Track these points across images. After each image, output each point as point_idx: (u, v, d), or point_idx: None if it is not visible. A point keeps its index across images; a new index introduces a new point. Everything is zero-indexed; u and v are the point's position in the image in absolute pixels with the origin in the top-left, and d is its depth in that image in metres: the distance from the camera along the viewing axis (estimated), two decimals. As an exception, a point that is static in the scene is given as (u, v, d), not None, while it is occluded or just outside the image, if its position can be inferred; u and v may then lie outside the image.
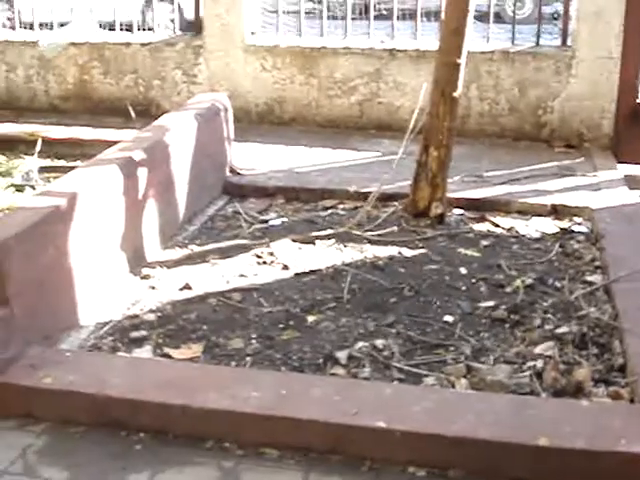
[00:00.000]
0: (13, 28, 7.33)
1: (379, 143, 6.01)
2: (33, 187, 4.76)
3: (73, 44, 6.88)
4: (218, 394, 2.92)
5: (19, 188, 4.77)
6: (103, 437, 2.91)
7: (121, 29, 7.07)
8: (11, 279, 3.08)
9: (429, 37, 6.53)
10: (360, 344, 3.34)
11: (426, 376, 3.14)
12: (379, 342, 3.34)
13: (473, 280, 3.91)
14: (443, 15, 4.71)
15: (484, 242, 4.37)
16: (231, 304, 3.71)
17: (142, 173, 4.04)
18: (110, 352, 3.34)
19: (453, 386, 3.08)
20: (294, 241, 4.32)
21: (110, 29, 7.15)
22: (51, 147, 5.48)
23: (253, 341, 3.41)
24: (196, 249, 4.29)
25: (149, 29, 7.34)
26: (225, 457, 2.80)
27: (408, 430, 2.74)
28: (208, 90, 6.42)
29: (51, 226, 3.35)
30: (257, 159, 5.53)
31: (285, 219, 4.70)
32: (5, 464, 2.79)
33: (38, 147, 5.31)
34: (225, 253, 4.22)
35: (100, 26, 7.25)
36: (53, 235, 3.36)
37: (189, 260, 4.16)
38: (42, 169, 5.10)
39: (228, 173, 5.18)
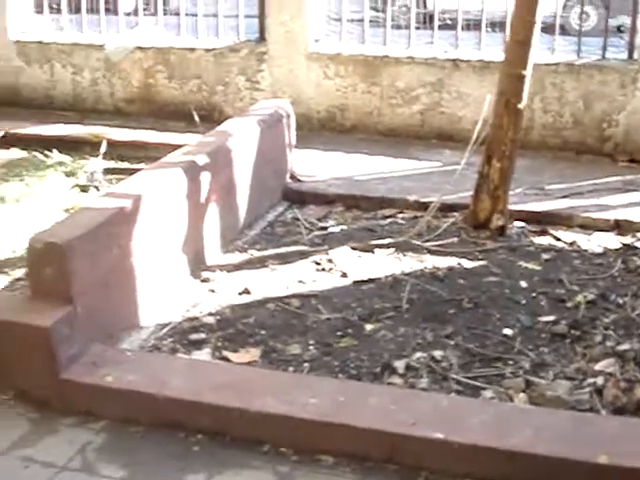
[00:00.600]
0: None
1: (440, 153, 5.98)
2: (97, 188, 4.83)
3: (139, 48, 6.96)
4: (276, 399, 2.93)
5: (83, 188, 4.85)
6: (161, 437, 2.95)
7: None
8: (76, 278, 3.13)
9: (493, 48, 6.49)
10: (418, 354, 3.33)
11: (484, 389, 3.12)
12: (437, 353, 3.33)
13: (533, 294, 3.88)
14: (509, 26, 4.69)
15: (545, 256, 4.32)
16: (289, 310, 3.73)
17: (205, 177, 4.08)
18: (170, 353, 3.38)
19: (511, 400, 3.06)
20: (353, 249, 4.33)
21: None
22: (115, 149, 5.56)
23: (311, 347, 3.42)
24: (256, 254, 4.32)
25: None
26: (281, 462, 2.82)
27: (465, 442, 2.73)
28: (271, 96, 6.46)
29: (116, 227, 3.40)
30: (317, 166, 5.54)
31: (344, 227, 4.70)
32: (64, 460, 2.84)
33: (103, 149, 5.39)
34: (284, 259, 4.24)
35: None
36: (117, 236, 3.41)
37: (248, 265, 4.19)
38: (106, 170, 5.18)
39: (288, 179, 5.20)
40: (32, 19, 7.58)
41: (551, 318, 3.64)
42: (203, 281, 4.00)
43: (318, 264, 4.18)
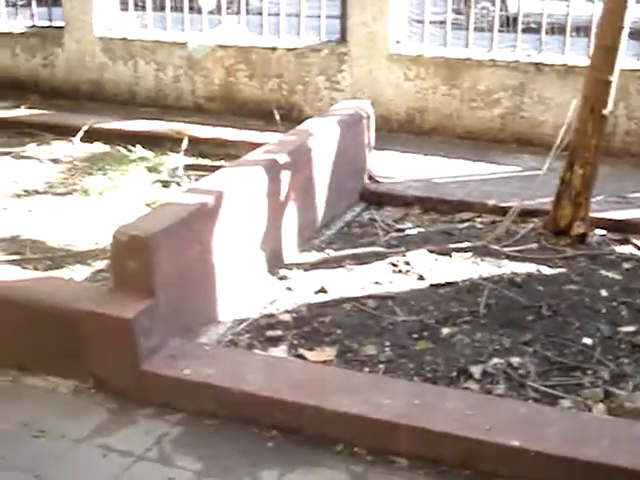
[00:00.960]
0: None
1: (519, 158, 5.91)
2: (178, 183, 4.90)
3: (221, 46, 7.05)
4: (351, 398, 2.94)
5: (165, 184, 4.93)
6: (236, 432, 2.98)
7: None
8: (158, 272, 3.19)
9: (577, 52, 6.39)
10: (495, 360, 3.30)
11: (562, 398, 3.08)
12: (515, 360, 3.30)
13: (614, 303, 3.81)
14: (596, 31, 4.61)
15: (626, 265, 4.24)
16: (366, 310, 3.73)
17: (285, 176, 4.11)
18: (246, 349, 3.42)
19: (590, 410, 3.01)
20: (430, 252, 4.30)
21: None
22: (196, 146, 5.62)
23: (386, 349, 3.41)
24: (332, 254, 4.33)
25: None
26: (354, 462, 2.83)
27: (542, 451, 2.69)
28: (350, 97, 6.47)
29: (197, 222, 3.45)
30: (395, 168, 5.53)
31: (421, 229, 4.68)
32: (141, 450, 2.89)
33: (184, 145, 5.46)
34: (361, 259, 4.24)
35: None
36: (199, 231, 3.45)
37: (325, 264, 4.20)
38: (187, 167, 5.25)
39: (366, 180, 5.20)
40: (117, 16, 7.73)
41: (632, 328, 3.58)
42: (280, 279, 4.03)
43: (395, 266, 4.17)
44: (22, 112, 6.75)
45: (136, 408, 3.10)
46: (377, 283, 3.99)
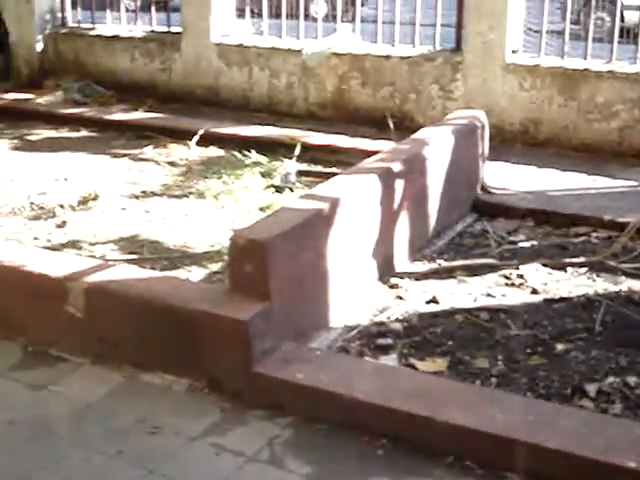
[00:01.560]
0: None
1: (638, 172, 5.76)
2: (291, 189, 4.95)
3: (335, 54, 7.10)
4: (463, 411, 2.91)
5: (278, 189, 4.98)
6: (346, 438, 2.99)
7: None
8: (274, 276, 3.23)
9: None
10: (611, 379, 3.22)
11: (682, 421, 2.98)
12: (632, 379, 3.21)
13: None
14: None
15: None
16: (478, 322, 3.69)
17: (399, 184, 4.11)
18: (357, 356, 3.42)
19: None
20: (544, 265, 4.23)
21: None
22: (308, 152, 5.67)
23: (499, 362, 3.37)
24: (443, 264, 4.30)
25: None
26: (465, 475, 2.80)
27: (661, 475, 2.62)
28: (463, 106, 6.41)
29: (312, 228, 3.48)
30: (509, 179, 5.46)
31: (535, 242, 4.61)
32: (252, 451, 2.92)
33: (297, 151, 5.52)
34: (472, 271, 4.20)
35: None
36: (313, 237, 3.48)
37: (436, 274, 4.18)
38: (300, 172, 5.30)
39: (479, 191, 5.15)
40: (233, 23, 7.87)
41: None
42: (391, 287, 4.03)
43: (508, 278, 4.11)
44: (140, 115, 6.95)
45: (248, 409, 3.14)
46: (489, 295, 3.95)
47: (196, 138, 5.93)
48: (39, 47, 8.54)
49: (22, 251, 3.89)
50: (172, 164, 5.71)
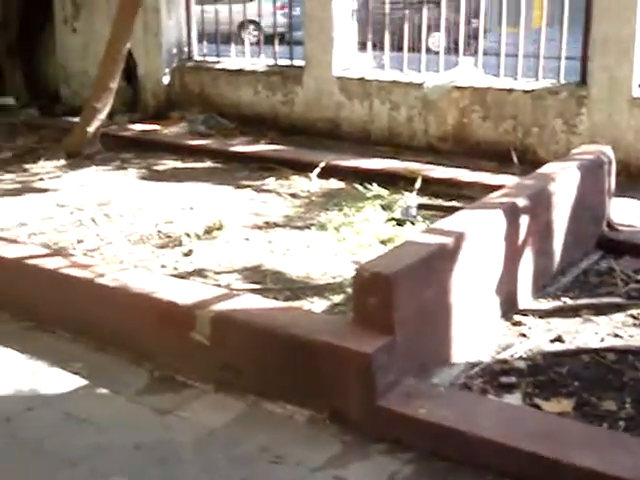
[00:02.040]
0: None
1: None
2: (412, 222, 4.94)
3: (456, 87, 7.09)
4: (591, 454, 2.84)
5: (399, 222, 4.98)
6: (468, 476, 2.95)
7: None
8: (398, 309, 3.23)
9: None
10: None
11: None
12: None
13: None
14: None
15: None
16: (604, 363, 3.60)
17: (524, 220, 4.06)
18: (480, 393, 3.38)
19: None
20: (674, 306, 4.10)
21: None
22: (429, 185, 5.66)
23: (627, 405, 3.28)
24: (568, 302, 4.21)
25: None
26: (592, 520, 2.72)
27: None
28: (587, 141, 6.30)
29: (436, 263, 3.47)
30: (635, 215, 5.32)
31: (664, 281, 4.47)
32: (374, 485, 2.92)
33: (418, 184, 5.51)
34: (599, 310, 4.10)
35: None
36: (437, 271, 3.47)
37: (561, 312, 4.10)
38: (421, 206, 5.29)
39: (605, 227, 5.03)
40: (355, 56, 7.96)
41: None
42: (514, 324, 3.97)
43: (635, 319, 4.00)
44: (262, 147, 7.09)
45: (369, 442, 3.13)
46: (617, 336, 3.85)
47: (317, 170, 6.00)
48: (166, 80, 8.83)
49: (151, 278, 4.00)
50: (294, 196, 5.79)
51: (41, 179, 6.34)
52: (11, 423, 3.33)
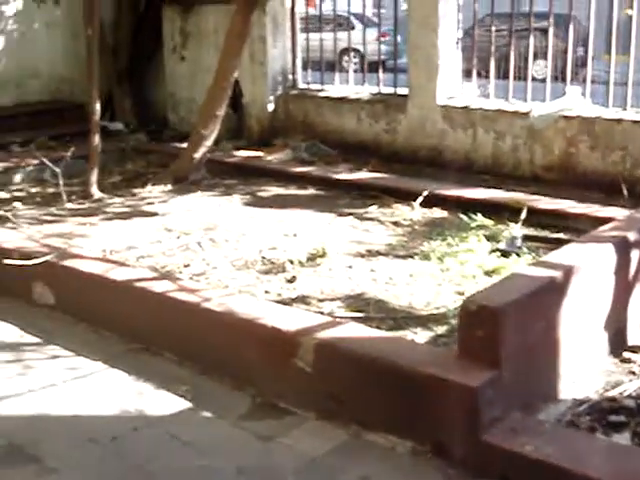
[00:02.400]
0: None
1: None
2: (518, 254, 4.86)
3: (564, 117, 6.98)
4: None
5: (504, 253, 4.91)
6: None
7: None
8: (504, 343, 3.18)
9: None
10: None
11: None
12: None
13: None
14: None
15: None
16: None
17: (635, 255, 3.96)
18: (588, 431, 3.29)
19: None
20: None
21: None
22: (534, 216, 5.55)
23: None
24: (681, 339, 4.08)
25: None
26: None
27: None
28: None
29: (545, 297, 3.41)
30: None
31: None
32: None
33: (523, 215, 5.43)
34: None
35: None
36: (546, 305, 3.42)
37: (673, 350, 3.97)
38: (526, 237, 5.20)
39: None
40: (459, 85, 7.92)
41: None
42: (623, 361, 3.86)
43: None
44: (365, 175, 7.10)
45: (473, 477, 3.09)
46: None
47: (420, 199, 5.98)
48: (270, 107, 8.95)
49: (255, 304, 4.05)
50: (396, 224, 5.78)
51: (149, 203, 6.48)
52: (117, 442, 3.41)
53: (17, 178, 7.51)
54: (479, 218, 5.52)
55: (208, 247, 5.30)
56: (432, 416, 3.23)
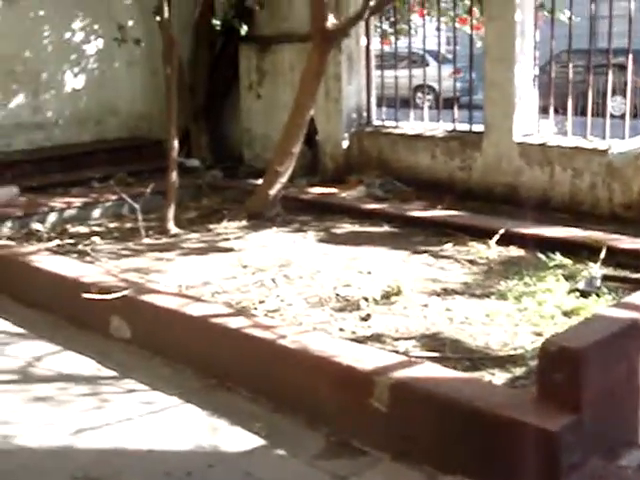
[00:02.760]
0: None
1: None
2: (597, 294, 4.76)
3: (643, 154, 6.87)
4: None
5: (583, 294, 4.81)
6: None
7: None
8: (585, 386, 3.11)
9: None
10: None
11: None
12: None
13: None
14: None
15: None
16: None
17: None
18: (673, 480, 3.19)
19: None
20: None
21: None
22: (614, 256, 5.43)
23: None
24: None
25: None
26: None
27: None
28: None
29: (628, 339, 3.34)
30: None
31: None
32: None
33: (602, 254, 5.32)
34: None
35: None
36: (628, 348, 3.33)
37: None
38: (605, 277, 5.09)
39: None
40: (536, 122, 7.85)
41: None
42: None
43: None
44: (439, 212, 7.06)
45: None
46: None
47: (496, 237, 5.91)
48: (345, 144, 8.99)
49: (330, 341, 4.03)
50: (472, 262, 5.71)
51: (224, 239, 6.54)
52: (192, 478, 3.42)
53: (96, 213, 7.67)
54: (557, 257, 5.43)
55: (282, 283, 5.31)
56: (510, 460, 3.16)
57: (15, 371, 4.47)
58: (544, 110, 7.88)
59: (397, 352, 4.08)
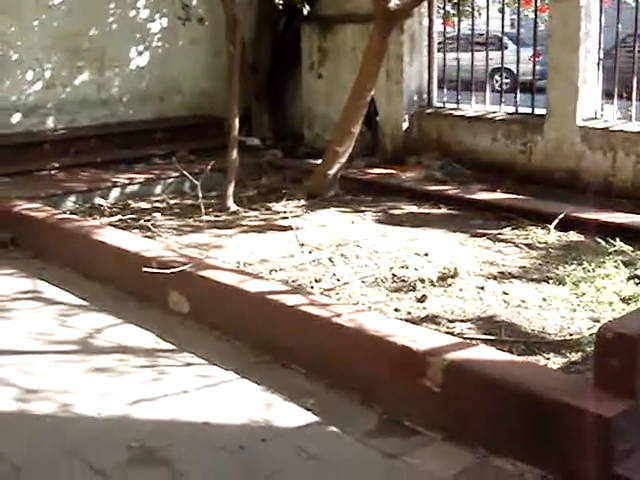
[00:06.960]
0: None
1: None
2: (656, 280, 4.72)
3: None
4: None
5: (641, 280, 4.77)
6: None
7: None
8: (641, 372, 3.08)
9: None
10: None
11: None
12: None
13: None
14: None
15: None
16: None
17: None
18: None
19: None
20: None
21: None
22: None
23: None
24: None
25: None
26: None
27: None
28: None
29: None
30: None
31: None
32: None
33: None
34: None
35: None
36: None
37: None
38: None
39: None
40: (600, 106, 7.73)
41: None
42: None
43: None
44: (499, 195, 7.01)
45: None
46: None
47: (556, 221, 5.86)
48: (404, 125, 8.96)
49: (385, 321, 4.05)
50: (530, 247, 5.68)
51: (283, 217, 6.59)
52: (245, 452, 3.46)
53: (157, 189, 7.79)
54: (617, 243, 5.37)
55: (339, 263, 5.34)
56: (563, 445, 3.15)
57: (76, 342, 4.57)
58: (608, 95, 7.76)
59: (452, 334, 4.09)
